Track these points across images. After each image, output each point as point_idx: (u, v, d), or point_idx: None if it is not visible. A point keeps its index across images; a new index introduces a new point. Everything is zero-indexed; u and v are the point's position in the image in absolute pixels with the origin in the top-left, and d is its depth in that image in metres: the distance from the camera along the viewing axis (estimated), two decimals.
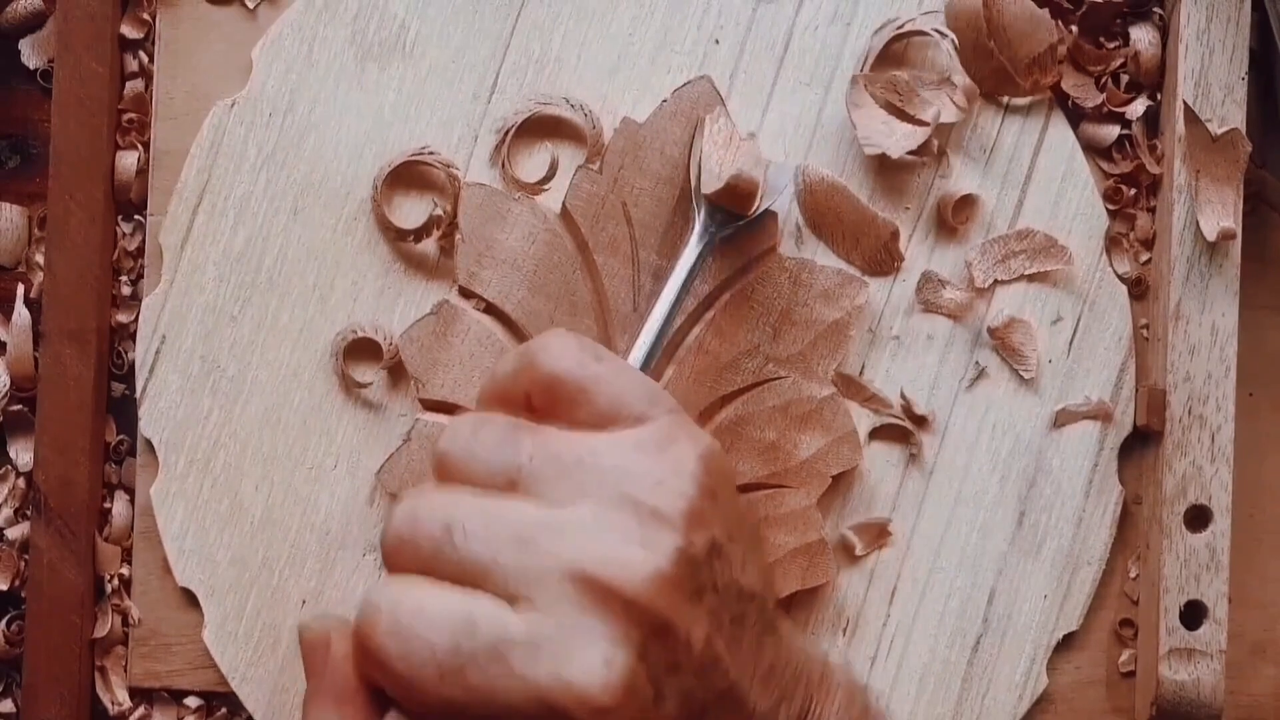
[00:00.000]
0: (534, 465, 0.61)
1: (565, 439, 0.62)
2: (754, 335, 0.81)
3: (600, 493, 0.60)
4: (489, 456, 0.62)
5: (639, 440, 0.62)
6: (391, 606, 0.60)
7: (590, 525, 0.59)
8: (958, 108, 0.82)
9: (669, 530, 0.60)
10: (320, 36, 0.83)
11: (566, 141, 0.83)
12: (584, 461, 0.61)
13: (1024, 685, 0.83)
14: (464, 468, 0.62)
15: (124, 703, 0.83)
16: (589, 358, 0.64)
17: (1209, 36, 0.81)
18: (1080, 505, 0.84)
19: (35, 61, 0.85)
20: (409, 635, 0.59)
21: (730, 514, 0.64)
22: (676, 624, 0.60)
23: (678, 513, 0.60)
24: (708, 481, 0.62)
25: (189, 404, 0.83)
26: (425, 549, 0.60)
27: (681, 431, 0.63)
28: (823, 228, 0.83)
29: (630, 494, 0.60)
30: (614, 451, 0.61)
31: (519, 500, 0.61)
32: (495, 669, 0.58)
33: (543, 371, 0.64)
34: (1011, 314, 0.83)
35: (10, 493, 0.84)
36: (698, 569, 0.61)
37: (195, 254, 0.83)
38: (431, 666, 0.59)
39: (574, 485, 0.60)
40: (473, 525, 0.60)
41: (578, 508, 0.60)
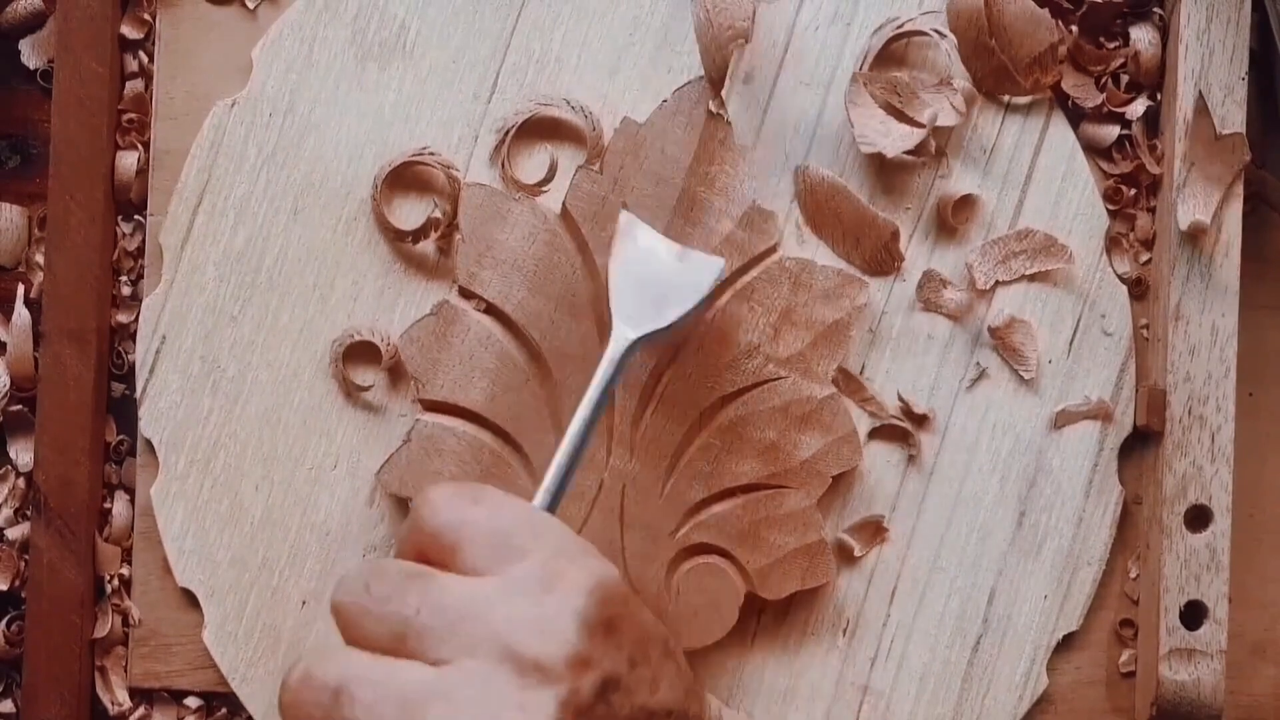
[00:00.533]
0: (420, 619, 0.61)
1: (453, 589, 0.62)
2: (754, 335, 0.81)
3: (483, 648, 0.60)
4: (377, 609, 0.62)
5: (523, 583, 0.62)
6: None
7: (471, 689, 0.59)
8: (956, 111, 0.82)
9: (549, 685, 0.60)
10: (320, 37, 0.83)
11: (566, 142, 0.83)
12: (467, 614, 0.61)
13: (1024, 685, 0.83)
14: (356, 622, 0.62)
15: (124, 703, 0.83)
16: (464, 503, 0.64)
17: (1209, 37, 0.81)
18: (1080, 505, 0.84)
19: (35, 61, 0.85)
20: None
21: (633, 640, 0.63)
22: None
23: (560, 660, 0.60)
24: (599, 614, 0.62)
25: (189, 404, 0.83)
26: (316, 715, 0.60)
27: (568, 566, 0.63)
28: (823, 228, 0.83)
29: (511, 647, 0.60)
30: (497, 599, 0.61)
31: (406, 661, 0.61)
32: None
33: (424, 529, 0.64)
34: (1012, 314, 0.83)
35: (10, 493, 0.84)
36: (588, 712, 0.60)
37: (195, 254, 0.83)
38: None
39: (459, 640, 0.60)
40: (360, 692, 0.60)
41: (461, 668, 0.60)
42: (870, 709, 0.83)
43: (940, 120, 0.82)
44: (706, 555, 0.81)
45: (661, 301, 0.77)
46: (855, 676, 0.83)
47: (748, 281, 0.81)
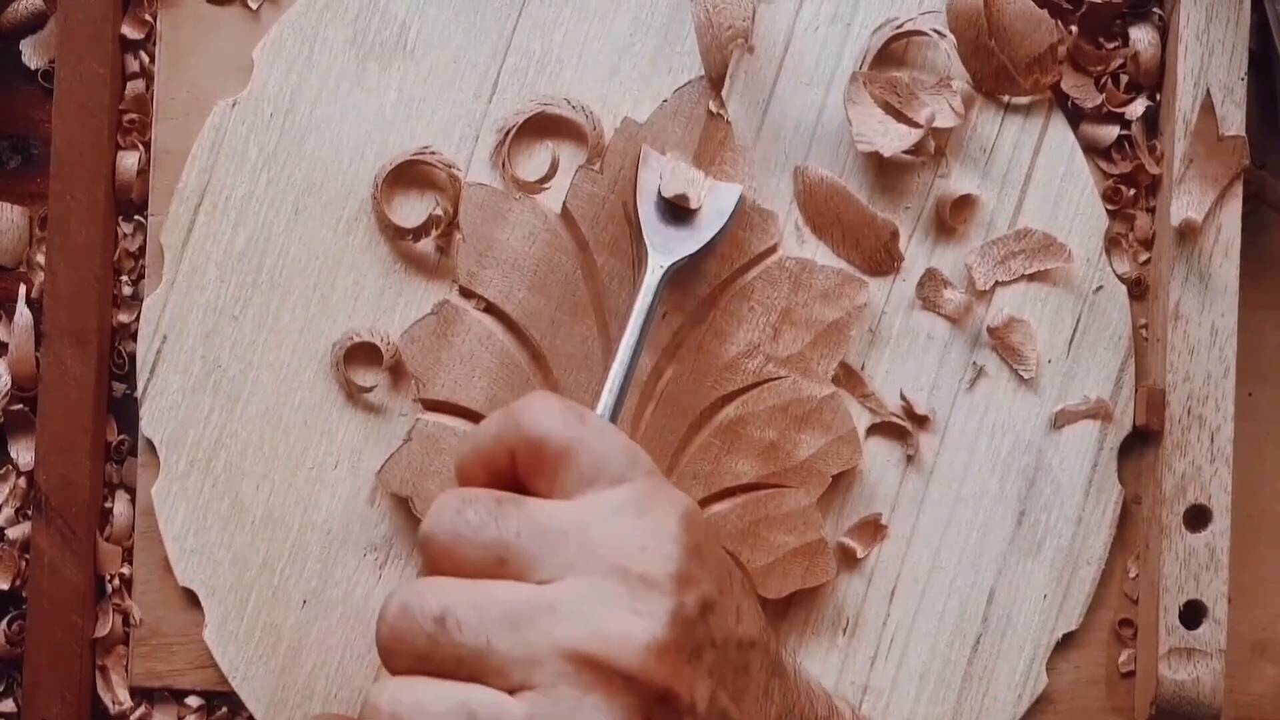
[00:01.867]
0: (521, 542, 0.61)
1: (550, 511, 0.62)
2: (754, 335, 0.81)
3: (589, 564, 0.60)
4: (475, 537, 0.61)
5: (620, 505, 0.62)
6: (391, 706, 0.60)
7: (581, 600, 0.59)
8: (955, 113, 0.82)
9: (659, 595, 0.60)
10: (321, 37, 0.83)
11: (567, 140, 0.83)
12: (568, 533, 0.61)
13: (1023, 685, 0.83)
14: (451, 551, 0.62)
15: (125, 702, 0.83)
16: (573, 419, 0.64)
17: (1209, 37, 0.81)
18: (1080, 505, 0.84)
19: (36, 62, 0.85)
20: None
21: (718, 568, 0.64)
22: (678, 689, 0.60)
23: (666, 576, 0.60)
24: (691, 540, 0.62)
25: (190, 404, 0.83)
26: (420, 644, 0.60)
27: (660, 494, 0.63)
28: (822, 228, 0.83)
29: (618, 563, 0.60)
30: (597, 520, 0.61)
31: (509, 581, 0.60)
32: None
33: (528, 433, 0.64)
34: (1011, 313, 0.83)
35: (11, 492, 0.84)
36: (693, 629, 0.61)
37: (196, 254, 0.83)
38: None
39: (562, 558, 0.60)
40: (465, 614, 0.59)
41: (568, 583, 0.60)
42: (870, 708, 0.83)
43: (938, 121, 0.82)
44: None
45: (688, 229, 0.80)
46: (855, 675, 0.83)
47: (748, 281, 0.81)
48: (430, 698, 0.59)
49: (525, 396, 0.65)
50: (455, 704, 0.59)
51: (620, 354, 0.74)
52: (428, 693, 0.59)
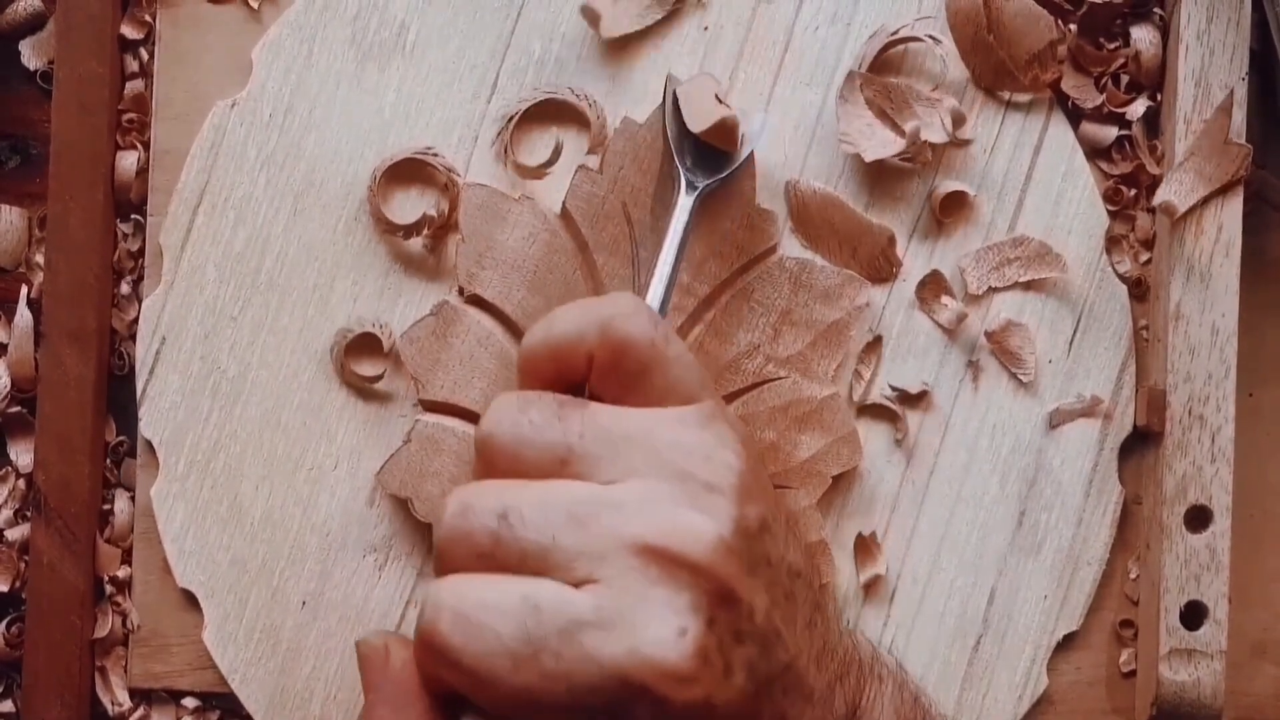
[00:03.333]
0: (584, 443, 0.61)
1: (613, 415, 0.62)
2: (754, 335, 0.81)
3: (653, 467, 0.60)
4: (537, 438, 0.61)
5: (683, 417, 0.62)
6: (455, 602, 0.59)
7: (647, 499, 0.59)
8: (945, 130, 0.82)
9: (724, 500, 0.60)
10: (320, 37, 0.83)
11: (570, 125, 0.83)
12: (633, 438, 0.61)
13: (1024, 685, 0.83)
14: (512, 451, 0.62)
15: (124, 703, 0.83)
16: (661, 334, 0.64)
17: (1209, 37, 0.81)
18: (1080, 505, 0.84)
19: (35, 63, 0.85)
20: (476, 628, 0.59)
21: (770, 495, 0.64)
22: (740, 592, 0.60)
23: (729, 486, 0.60)
24: (748, 464, 0.62)
25: (189, 405, 0.83)
26: (482, 541, 0.60)
27: (722, 414, 0.64)
28: (818, 240, 0.83)
29: (683, 468, 0.60)
30: (662, 427, 0.61)
31: (571, 481, 0.60)
32: (568, 651, 0.58)
33: (615, 338, 0.63)
34: (1009, 316, 0.83)
35: (10, 493, 0.84)
36: (752, 542, 0.61)
37: (195, 254, 0.83)
38: (503, 657, 0.58)
39: (625, 461, 0.60)
40: (528, 511, 0.59)
41: (632, 483, 0.60)
42: None
43: (925, 135, 0.82)
44: None
45: (719, 152, 0.80)
46: None
47: (748, 281, 0.81)
48: (493, 593, 0.59)
49: (609, 296, 0.65)
50: (519, 597, 0.58)
51: (660, 266, 0.75)
52: (490, 588, 0.59)
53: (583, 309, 0.65)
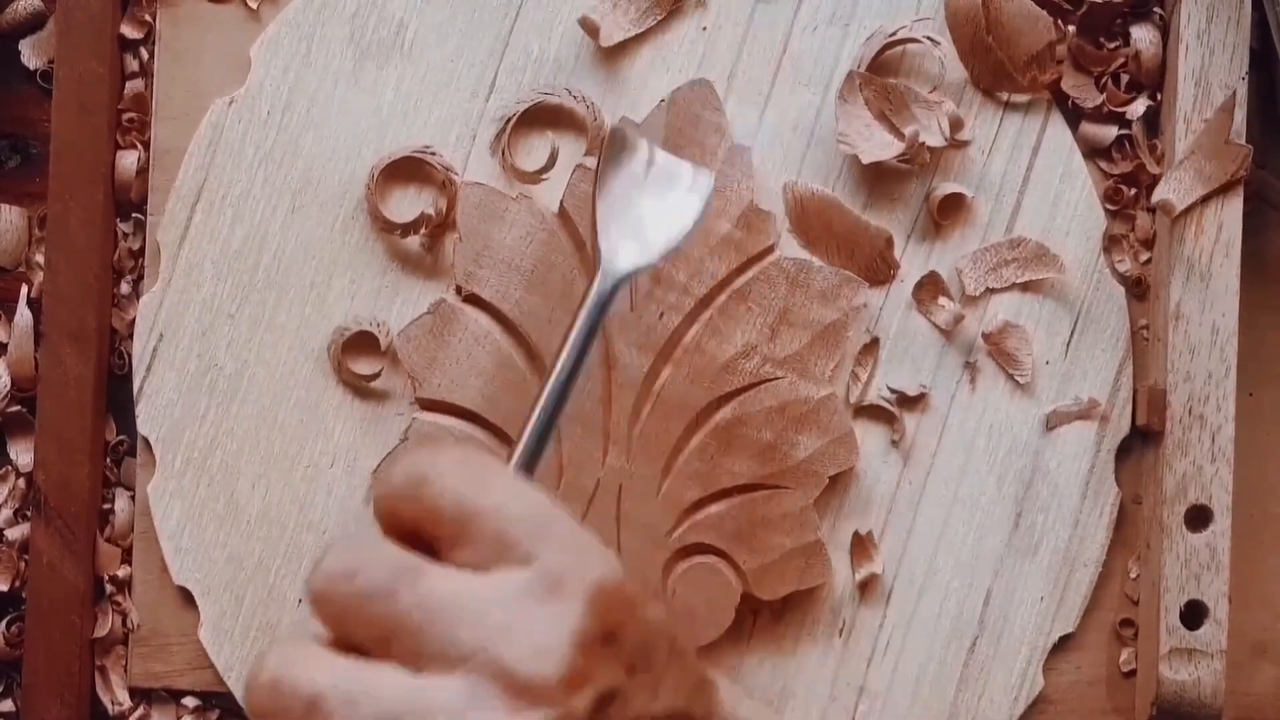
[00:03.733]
0: (413, 621, 0.57)
1: (449, 588, 0.58)
2: (751, 336, 0.81)
3: (474, 660, 0.57)
4: (366, 610, 0.58)
5: (525, 587, 0.58)
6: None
7: (459, 705, 0.56)
8: (942, 135, 0.82)
9: (541, 707, 0.56)
10: (319, 35, 0.83)
11: (567, 130, 0.83)
12: (463, 619, 0.57)
13: (1019, 687, 0.83)
14: (339, 618, 0.59)
15: (124, 703, 0.84)
16: (473, 487, 0.60)
17: (1209, 36, 0.81)
18: (1077, 507, 0.83)
19: (35, 62, 0.85)
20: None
21: (635, 643, 0.60)
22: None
23: (554, 681, 0.57)
24: (599, 625, 0.58)
25: (186, 402, 0.83)
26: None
27: (570, 571, 0.59)
28: (815, 241, 0.83)
29: (504, 664, 0.56)
30: (496, 606, 0.58)
31: (391, 669, 0.57)
32: None
33: (425, 505, 0.60)
34: (1006, 318, 0.83)
35: (10, 493, 0.84)
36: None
37: (193, 252, 0.83)
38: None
39: (452, 648, 0.57)
40: (336, 706, 0.56)
41: (452, 682, 0.57)
42: (866, 710, 0.83)
43: (923, 138, 0.82)
44: (703, 555, 0.81)
45: (650, 230, 0.75)
46: (851, 677, 0.83)
47: (745, 281, 0.81)
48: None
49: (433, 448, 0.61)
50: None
51: (548, 387, 0.68)
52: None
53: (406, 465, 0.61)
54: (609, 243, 0.73)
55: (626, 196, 0.76)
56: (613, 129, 0.78)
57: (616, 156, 0.76)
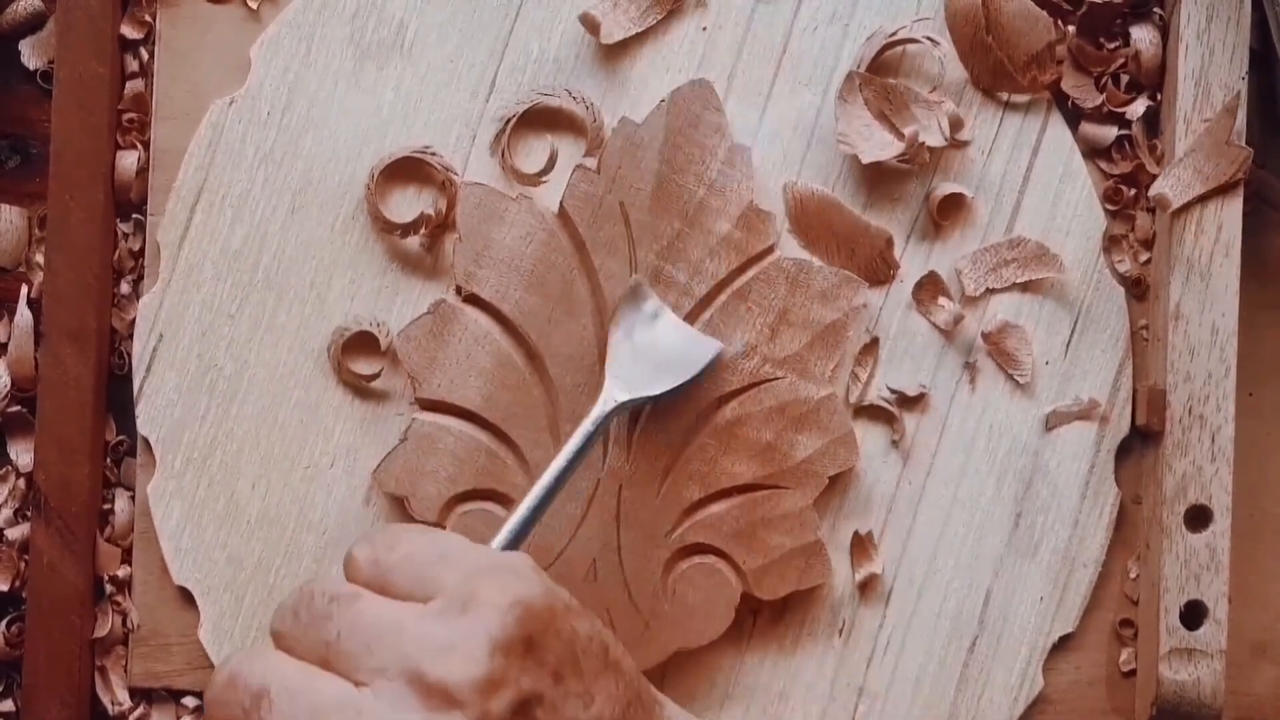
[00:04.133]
0: (341, 642, 0.62)
1: (372, 612, 0.63)
2: (751, 335, 0.81)
3: (393, 670, 0.61)
4: (304, 636, 0.63)
5: (439, 607, 0.62)
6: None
7: (381, 708, 0.60)
8: (942, 135, 0.82)
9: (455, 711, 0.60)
10: (319, 36, 0.83)
11: (566, 133, 0.83)
12: (381, 637, 0.62)
13: (1019, 687, 0.83)
14: (287, 642, 0.64)
15: (124, 702, 0.84)
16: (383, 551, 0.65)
17: (1209, 36, 0.81)
18: (1077, 507, 0.84)
19: (35, 62, 0.85)
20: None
21: (561, 655, 0.63)
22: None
23: (468, 682, 0.60)
24: (517, 632, 0.62)
25: (186, 402, 0.83)
26: (235, 715, 0.62)
27: (484, 586, 0.63)
28: (815, 242, 0.83)
29: (418, 671, 0.60)
30: (411, 623, 0.62)
31: (328, 677, 0.62)
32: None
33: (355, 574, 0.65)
34: (1006, 318, 0.83)
35: (10, 493, 0.84)
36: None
37: (193, 252, 0.83)
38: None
39: (373, 661, 0.61)
40: (279, 700, 0.61)
41: (374, 688, 0.61)
42: (866, 710, 0.83)
43: (923, 138, 0.82)
44: (703, 555, 0.81)
45: (656, 370, 0.79)
46: (851, 678, 0.83)
47: (745, 281, 0.81)
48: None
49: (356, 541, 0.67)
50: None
51: (545, 476, 0.73)
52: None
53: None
54: (614, 371, 0.78)
55: (637, 336, 0.80)
56: (636, 281, 0.81)
57: (634, 302, 0.80)
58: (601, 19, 0.82)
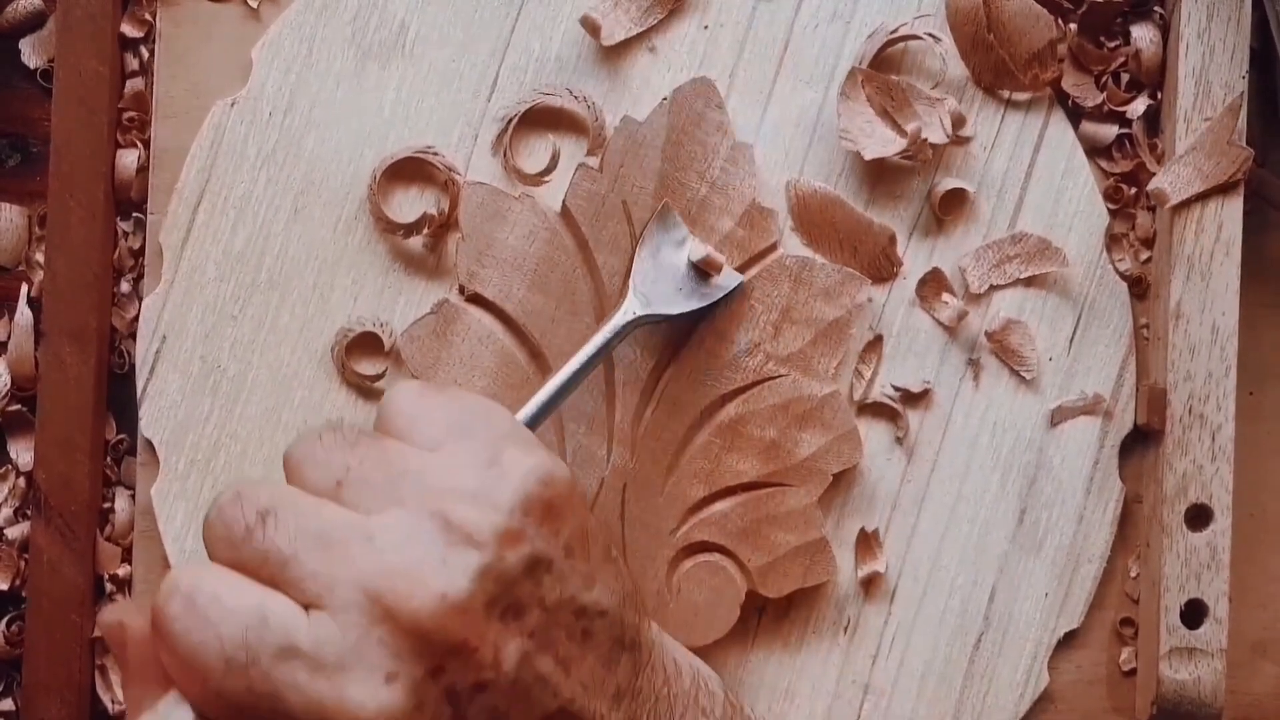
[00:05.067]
0: (360, 470, 0.61)
1: (400, 450, 0.62)
2: (754, 333, 0.81)
3: (415, 503, 0.60)
4: (323, 458, 0.61)
5: (471, 454, 0.62)
6: (190, 589, 0.58)
7: (396, 538, 0.59)
8: (944, 131, 0.82)
9: (474, 549, 0.59)
10: (320, 36, 0.83)
11: (568, 133, 0.83)
12: (408, 473, 0.61)
13: (1025, 684, 0.83)
14: (300, 469, 0.62)
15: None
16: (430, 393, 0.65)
17: (1209, 35, 0.81)
18: (1081, 503, 0.84)
19: (35, 61, 0.85)
20: (200, 620, 0.58)
21: (574, 532, 0.63)
22: (477, 645, 0.59)
23: (489, 528, 0.59)
24: (540, 496, 0.61)
25: (189, 404, 0.83)
26: (237, 533, 0.59)
27: (517, 449, 0.63)
28: (819, 240, 0.83)
29: (442, 509, 0.59)
30: (438, 466, 0.61)
31: (337, 505, 0.60)
32: (277, 674, 0.57)
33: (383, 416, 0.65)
34: (1009, 315, 0.83)
35: (10, 492, 0.84)
36: (512, 586, 0.60)
37: (195, 253, 0.83)
38: (218, 657, 0.57)
39: (392, 494, 0.60)
40: (285, 517, 0.59)
41: (390, 516, 0.59)
42: (871, 707, 0.83)
43: (925, 135, 0.82)
44: (707, 553, 0.81)
45: (677, 292, 0.80)
46: (856, 675, 0.83)
47: (748, 279, 0.81)
48: (231, 591, 0.58)
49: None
50: (253, 603, 0.58)
51: (561, 372, 0.75)
52: (229, 585, 0.59)
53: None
54: (637, 286, 0.79)
55: (662, 257, 0.80)
56: (666, 205, 0.81)
57: (663, 224, 0.81)
58: (602, 21, 0.82)
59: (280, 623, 0.58)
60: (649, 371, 0.81)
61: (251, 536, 0.59)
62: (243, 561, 0.59)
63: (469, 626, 0.59)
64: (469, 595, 0.58)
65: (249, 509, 0.60)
